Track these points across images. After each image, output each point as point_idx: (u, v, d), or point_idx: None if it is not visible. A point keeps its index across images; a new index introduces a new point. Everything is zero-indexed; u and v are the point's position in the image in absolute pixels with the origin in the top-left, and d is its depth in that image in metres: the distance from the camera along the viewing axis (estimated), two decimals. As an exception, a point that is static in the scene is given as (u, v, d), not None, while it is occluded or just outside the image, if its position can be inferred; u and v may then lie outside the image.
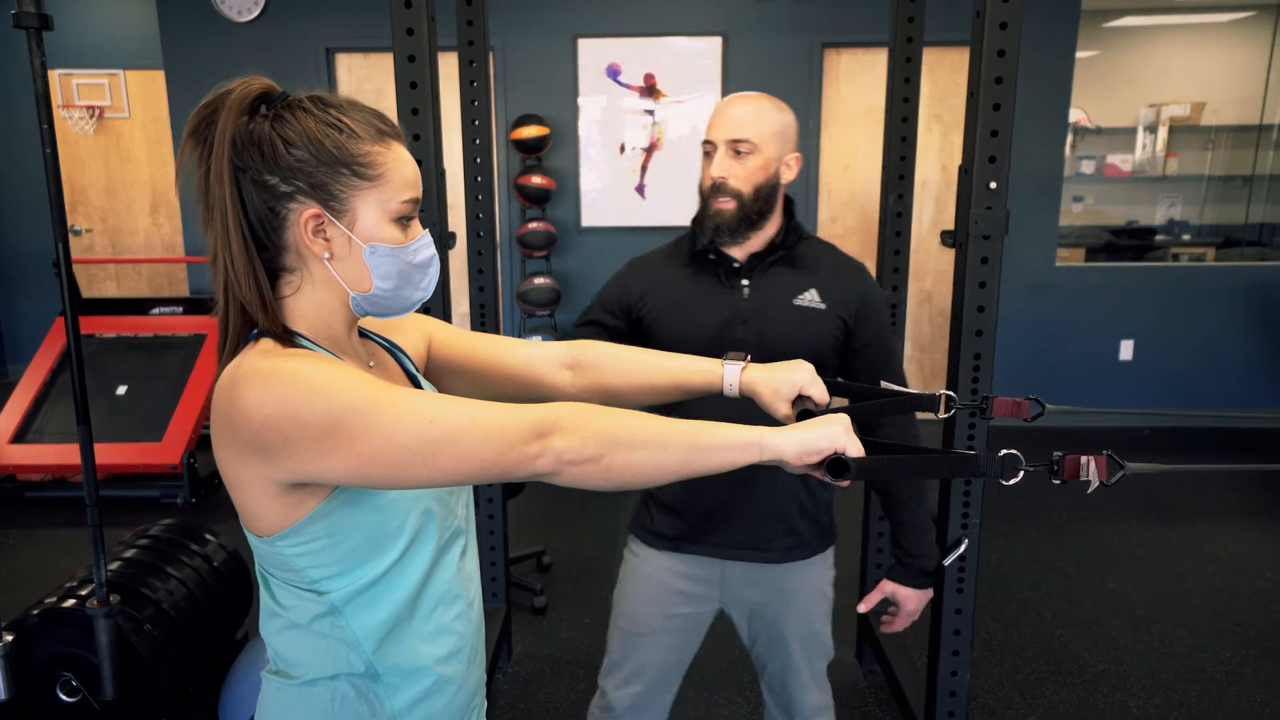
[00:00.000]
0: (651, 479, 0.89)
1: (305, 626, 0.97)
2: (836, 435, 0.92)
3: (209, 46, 4.77)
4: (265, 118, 0.93)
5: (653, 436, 0.89)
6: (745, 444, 0.91)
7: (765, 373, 1.17)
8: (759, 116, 1.57)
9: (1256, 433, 5.01)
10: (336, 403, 0.85)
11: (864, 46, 4.78)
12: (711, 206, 1.57)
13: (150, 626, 2.34)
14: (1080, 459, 0.93)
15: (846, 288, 1.62)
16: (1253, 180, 5.55)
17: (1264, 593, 3.20)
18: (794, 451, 0.91)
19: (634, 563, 1.72)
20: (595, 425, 0.87)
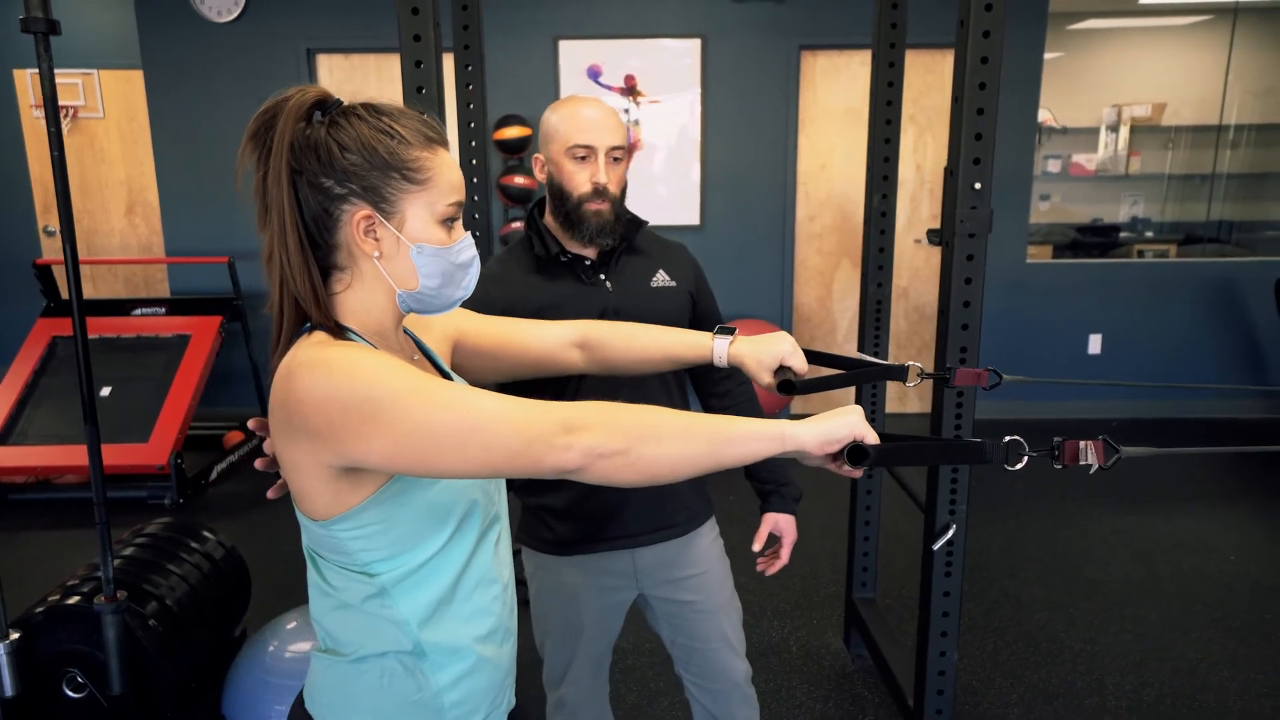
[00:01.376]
0: (678, 471, 0.92)
1: (356, 607, 1.02)
2: (856, 424, 0.96)
3: (188, 47, 4.76)
4: (321, 123, 0.99)
5: (678, 429, 0.92)
6: (769, 435, 0.93)
7: (751, 345, 1.32)
8: (619, 123, 1.65)
9: (1222, 421, 5.18)
10: (378, 389, 0.90)
11: (840, 49, 4.88)
12: (589, 209, 1.62)
13: (155, 622, 2.36)
14: (1079, 444, 0.99)
15: (683, 265, 1.78)
16: (1213, 179, 5.73)
17: (1229, 575, 3.34)
18: (816, 441, 0.95)
19: (542, 576, 1.73)
20: (622, 421, 0.90)
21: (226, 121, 4.85)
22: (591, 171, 1.60)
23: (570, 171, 1.61)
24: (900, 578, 3.30)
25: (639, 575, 1.74)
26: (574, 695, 1.79)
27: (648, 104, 4.82)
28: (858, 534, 2.79)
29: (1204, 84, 5.60)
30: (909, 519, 3.74)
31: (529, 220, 1.70)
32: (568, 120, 1.61)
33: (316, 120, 1.00)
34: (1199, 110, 5.63)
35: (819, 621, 3.01)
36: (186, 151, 4.89)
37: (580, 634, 1.74)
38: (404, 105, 1.04)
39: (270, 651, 2.43)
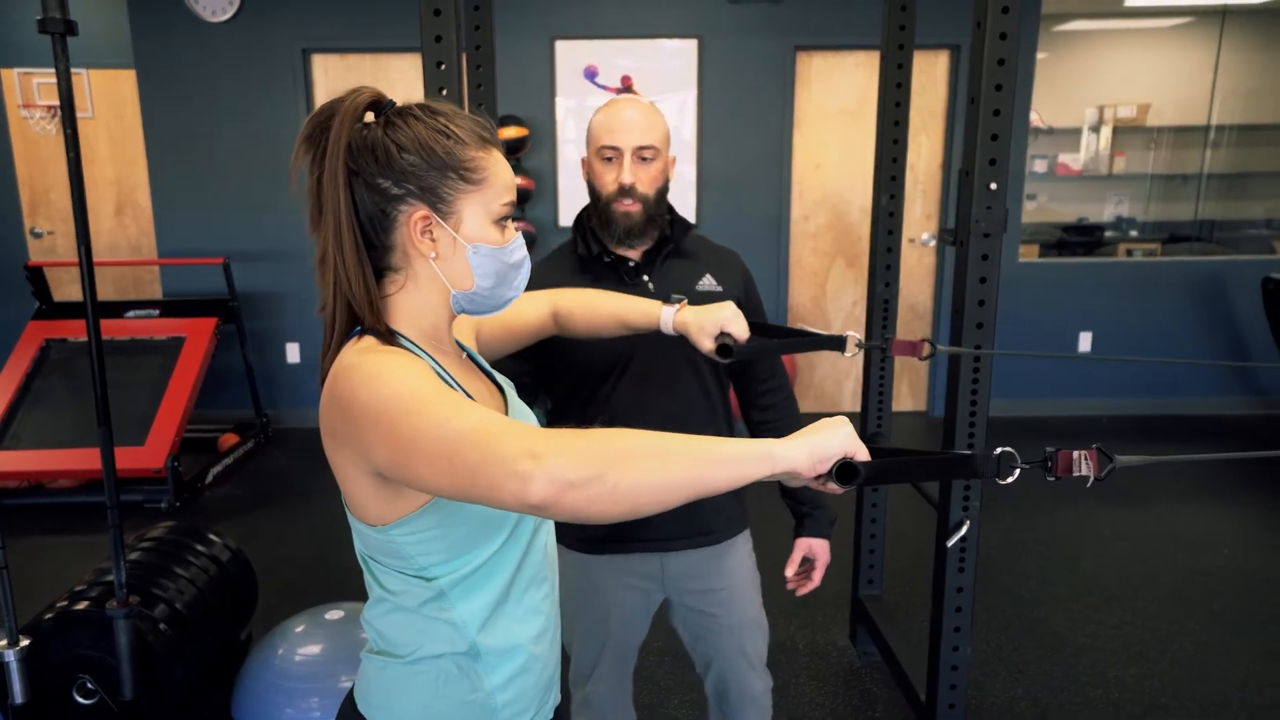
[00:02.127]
0: (663, 497, 0.81)
1: (413, 610, 1.02)
2: (847, 439, 0.90)
3: (182, 47, 4.73)
4: (378, 124, 1.00)
5: (658, 452, 0.82)
6: (757, 456, 0.86)
7: (694, 312, 1.42)
8: (655, 123, 1.64)
9: (1210, 418, 5.25)
10: (393, 397, 0.88)
11: (835, 49, 4.91)
12: (617, 210, 1.63)
13: (165, 626, 2.35)
14: (1073, 454, 0.94)
15: (733, 271, 1.76)
16: (1201, 179, 5.80)
17: (1224, 568, 3.39)
18: (807, 461, 0.88)
19: (573, 574, 1.72)
20: (594, 445, 0.80)
21: (221, 122, 4.82)
22: (617, 172, 1.61)
23: (599, 172, 1.64)
24: (903, 574, 3.33)
25: (667, 580, 1.74)
26: (599, 693, 1.80)
27: (643, 104, 4.83)
28: (864, 532, 2.81)
29: (1188, 85, 5.68)
30: (911, 516, 3.78)
31: (577, 222, 1.72)
32: (599, 122, 1.64)
33: (371, 121, 1.01)
34: (1182, 111, 5.71)
35: (825, 619, 3.03)
36: (180, 152, 4.85)
37: (607, 633, 1.75)
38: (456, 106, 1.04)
39: (280, 655, 2.42)
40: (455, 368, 1.07)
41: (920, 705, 2.30)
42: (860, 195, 5.12)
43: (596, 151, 1.64)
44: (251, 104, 4.80)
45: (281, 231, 4.95)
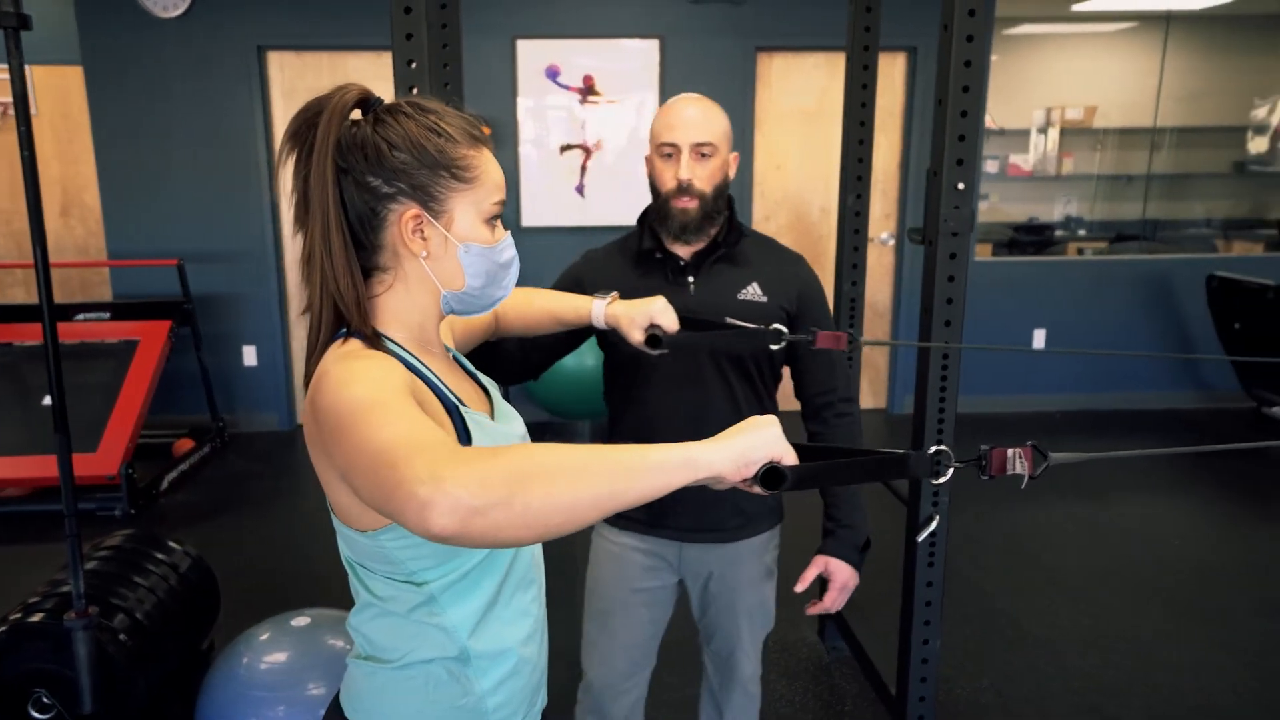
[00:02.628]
0: (577, 516, 0.76)
1: (402, 616, 1.01)
2: (773, 442, 0.86)
3: (131, 43, 4.61)
4: (366, 121, 0.98)
5: (570, 466, 0.76)
6: (678, 463, 0.81)
7: (625, 306, 1.45)
8: (714, 120, 1.66)
9: (1159, 412, 5.40)
10: (350, 396, 0.85)
11: (795, 50, 4.95)
12: (675, 206, 1.65)
13: (125, 637, 2.29)
14: (1008, 452, 0.93)
15: (787, 280, 1.73)
16: (1148, 180, 5.96)
17: (1175, 558, 3.49)
18: (731, 465, 0.84)
19: (600, 543, 1.82)
20: (500, 465, 0.73)
21: (173, 120, 4.71)
22: (676, 169, 1.63)
23: (659, 169, 1.66)
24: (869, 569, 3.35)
25: (683, 564, 1.79)
26: (602, 679, 1.82)
27: (607, 104, 4.83)
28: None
29: (1134, 88, 5.83)
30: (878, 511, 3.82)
31: (641, 217, 1.76)
32: (658, 120, 1.67)
33: (359, 119, 0.99)
34: (1127, 113, 5.86)
35: (794, 616, 3.05)
36: (130, 151, 4.73)
37: (617, 610, 1.79)
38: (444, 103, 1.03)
39: (245, 664, 2.37)
40: (443, 370, 1.06)
41: (890, 699, 2.33)
42: (820, 195, 5.17)
43: (657, 148, 1.66)
44: (205, 102, 4.70)
45: (237, 232, 4.85)
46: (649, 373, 1.68)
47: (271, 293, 4.94)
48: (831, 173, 5.13)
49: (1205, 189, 6.17)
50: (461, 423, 0.99)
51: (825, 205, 5.18)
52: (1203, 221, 6.17)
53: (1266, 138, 6.04)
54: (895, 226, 5.25)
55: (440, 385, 1.01)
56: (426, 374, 1.00)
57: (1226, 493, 4.18)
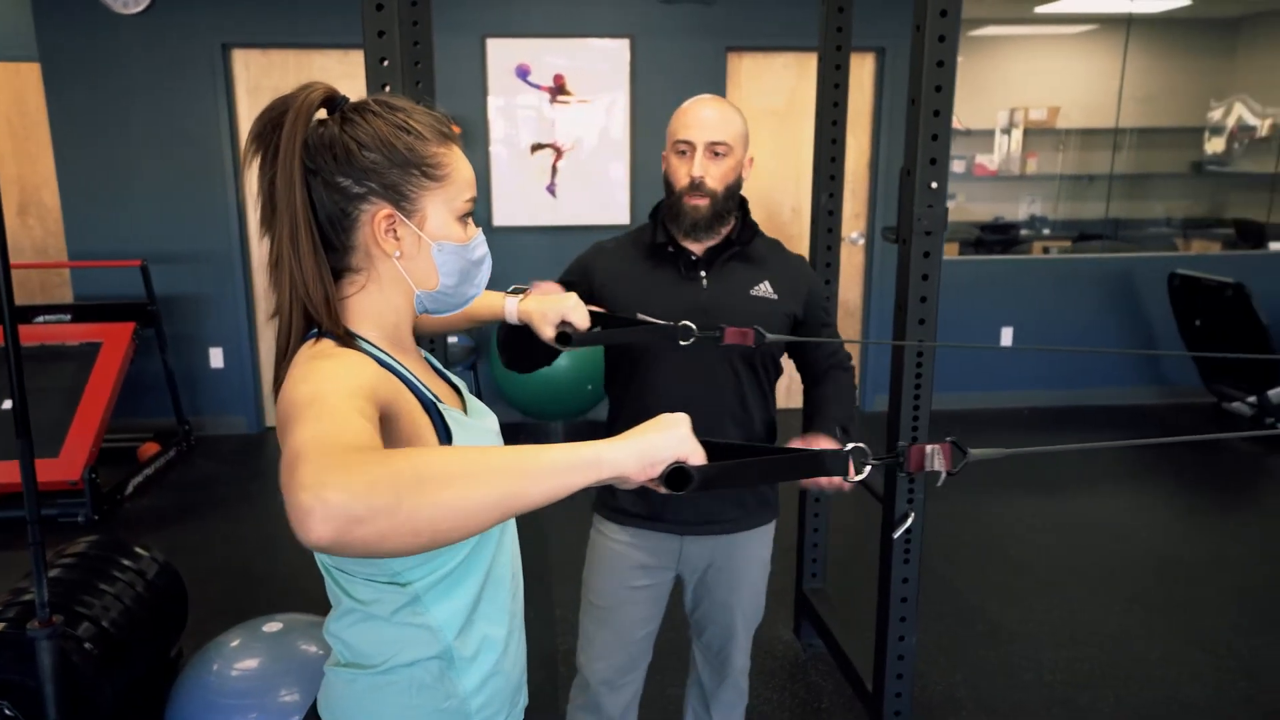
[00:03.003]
0: (469, 522, 0.71)
1: (385, 619, 0.99)
2: (681, 440, 0.83)
3: (91, 40, 4.51)
4: (334, 121, 0.96)
5: (464, 468, 0.71)
6: (579, 463, 0.77)
7: (537, 302, 1.44)
8: (731, 120, 1.70)
9: (1122, 408, 5.48)
10: (302, 391, 0.82)
11: (765, 50, 4.97)
12: (687, 203, 1.68)
13: (91, 646, 2.25)
14: (925, 449, 0.91)
15: (795, 280, 1.79)
16: (1110, 179, 6.06)
17: (1140, 551, 3.55)
18: (635, 464, 0.80)
19: (598, 539, 1.83)
20: (386, 470, 0.68)
21: (135, 118, 4.62)
22: (690, 166, 1.66)
23: (674, 166, 1.70)
24: (842, 565, 3.38)
25: (683, 559, 1.80)
26: (598, 676, 1.83)
27: (578, 104, 4.81)
28: (807, 525, 2.85)
29: (1096, 89, 5.93)
30: (849, 507, 3.85)
31: (654, 211, 1.77)
32: (675, 118, 1.71)
33: (325, 118, 0.97)
34: (1090, 114, 5.96)
35: (769, 613, 3.04)
36: (91, 150, 4.63)
37: (613, 607, 1.79)
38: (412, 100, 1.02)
39: (215, 671, 2.33)
40: (419, 369, 1.05)
41: (867, 695, 2.34)
42: (791, 195, 5.19)
43: (672, 146, 1.69)
44: (168, 100, 4.61)
45: (202, 233, 4.77)
46: (654, 361, 1.70)
47: (238, 294, 4.87)
48: (802, 173, 5.15)
49: (1165, 189, 6.29)
50: (440, 419, 0.98)
51: (796, 205, 5.20)
52: (1163, 221, 6.29)
53: (1223, 138, 6.17)
54: (865, 226, 5.29)
55: (418, 383, 0.99)
56: (404, 372, 0.99)
57: (1187, 486, 4.26)
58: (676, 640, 2.80)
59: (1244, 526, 3.81)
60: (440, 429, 0.98)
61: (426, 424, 0.97)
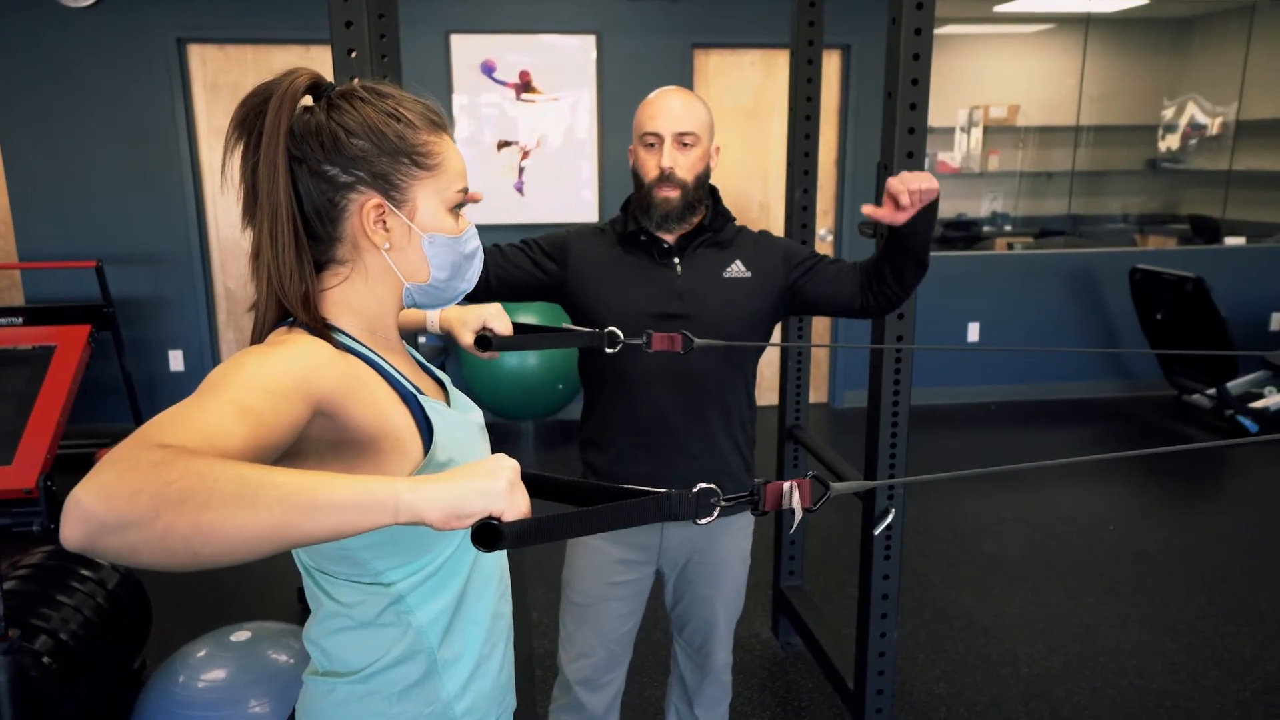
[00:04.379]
0: (232, 550, 0.64)
1: (369, 622, 0.96)
2: (495, 495, 0.74)
3: (40, 35, 4.37)
4: (320, 108, 0.92)
5: (238, 490, 0.64)
6: (373, 504, 0.70)
7: (459, 310, 1.41)
8: (697, 110, 1.70)
9: (1086, 401, 5.56)
10: (217, 374, 0.79)
11: (731, 47, 4.96)
12: (657, 195, 1.68)
13: (49, 659, 2.17)
14: (783, 486, 0.87)
15: (766, 252, 1.78)
16: (1072, 176, 6.15)
17: (1111, 544, 3.59)
18: (439, 514, 0.72)
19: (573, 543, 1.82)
20: (157, 474, 0.62)
21: (88, 116, 4.49)
22: (658, 158, 1.65)
23: (642, 158, 1.69)
24: (820, 563, 3.38)
25: (663, 552, 1.79)
26: (578, 674, 1.81)
27: (544, 101, 4.76)
28: (785, 523, 2.84)
29: (1055, 87, 6.02)
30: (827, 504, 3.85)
31: (625, 203, 1.76)
32: (641, 110, 1.69)
33: (311, 105, 0.93)
34: (1049, 112, 6.05)
35: (746, 612, 3.03)
36: (42, 148, 4.49)
37: (594, 605, 1.77)
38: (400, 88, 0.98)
39: (181, 683, 2.26)
40: (404, 364, 1.02)
41: (848, 693, 2.33)
42: (759, 191, 5.19)
43: (640, 138, 1.69)
44: (122, 97, 4.49)
45: (160, 233, 4.65)
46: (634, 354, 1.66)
47: (198, 295, 4.75)
48: (769, 169, 5.15)
49: (1122, 186, 6.40)
50: (420, 411, 0.95)
51: (764, 201, 5.21)
52: (1120, 217, 6.40)
53: (1177, 136, 6.29)
54: (834, 222, 5.31)
55: (398, 375, 0.96)
56: (382, 365, 0.95)
57: (1154, 477, 4.32)
58: (656, 642, 2.78)
59: (1209, 516, 3.88)
60: (420, 420, 0.95)
61: (404, 415, 0.93)
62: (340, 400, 0.86)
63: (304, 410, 0.81)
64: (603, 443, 1.74)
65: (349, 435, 0.88)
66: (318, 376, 0.84)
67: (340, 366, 0.88)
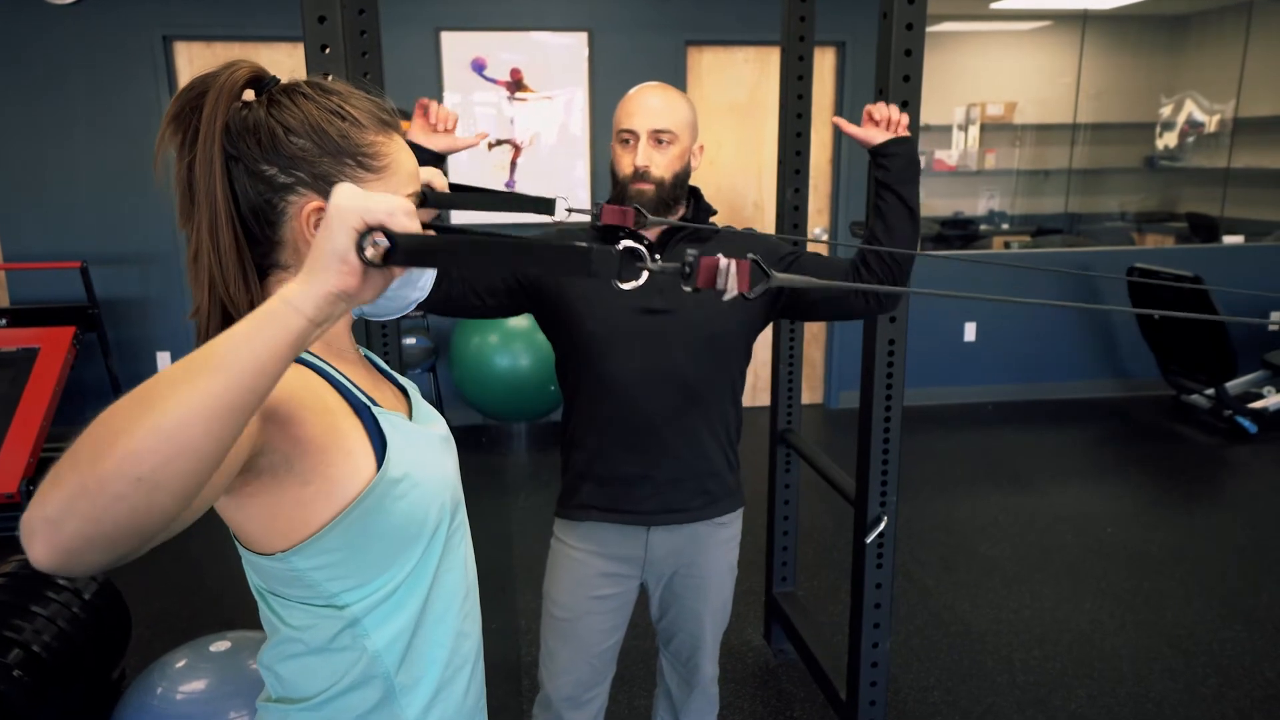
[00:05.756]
0: (175, 454, 0.58)
1: (323, 647, 0.91)
2: (372, 209, 0.66)
3: (23, 31, 4.31)
4: (260, 103, 0.87)
5: (135, 403, 0.59)
6: (267, 314, 0.64)
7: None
8: (676, 107, 1.65)
9: (1084, 401, 5.52)
10: None
11: (725, 44, 4.90)
12: (632, 190, 1.64)
13: (21, 673, 2.11)
14: (719, 263, 0.79)
15: (750, 246, 1.77)
16: (1069, 174, 6.10)
17: (1108, 545, 3.54)
18: (327, 260, 0.65)
19: (558, 548, 1.77)
20: (71, 449, 0.58)
21: (72, 115, 4.43)
22: (633, 156, 1.62)
23: (618, 155, 1.66)
24: (813, 568, 3.33)
25: (648, 564, 1.74)
26: (561, 691, 1.76)
27: (536, 98, 4.71)
28: (777, 528, 2.79)
29: (1052, 85, 5.97)
30: (820, 510, 3.80)
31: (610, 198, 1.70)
32: (620, 107, 1.67)
33: (252, 100, 0.88)
34: (1046, 110, 6.00)
35: (738, 618, 3.00)
36: (25, 147, 4.43)
37: (575, 619, 1.73)
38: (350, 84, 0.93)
39: (159, 694, 2.20)
40: (359, 374, 0.96)
41: (840, 703, 2.28)
42: (754, 190, 5.14)
43: (617, 135, 1.66)
44: (107, 95, 4.43)
45: (145, 233, 4.60)
46: (607, 354, 1.63)
47: (186, 295, 4.69)
48: (764, 168, 5.10)
49: (1119, 184, 6.35)
50: (373, 421, 0.90)
51: (759, 200, 5.15)
52: (1118, 215, 6.35)
53: (1175, 134, 6.25)
54: (829, 221, 5.26)
55: (347, 384, 0.91)
56: (331, 373, 0.90)
57: (1151, 478, 4.28)
58: (644, 650, 2.73)
59: (1206, 518, 3.83)
60: (373, 432, 0.90)
61: (355, 427, 0.88)
62: (290, 408, 0.81)
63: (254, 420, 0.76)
64: (585, 443, 1.69)
65: (301, 446, 0.83)
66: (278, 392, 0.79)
67: (290, 374, 0.83)
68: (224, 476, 0.75)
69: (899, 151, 1.70)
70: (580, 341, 1.65)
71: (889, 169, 1.70)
